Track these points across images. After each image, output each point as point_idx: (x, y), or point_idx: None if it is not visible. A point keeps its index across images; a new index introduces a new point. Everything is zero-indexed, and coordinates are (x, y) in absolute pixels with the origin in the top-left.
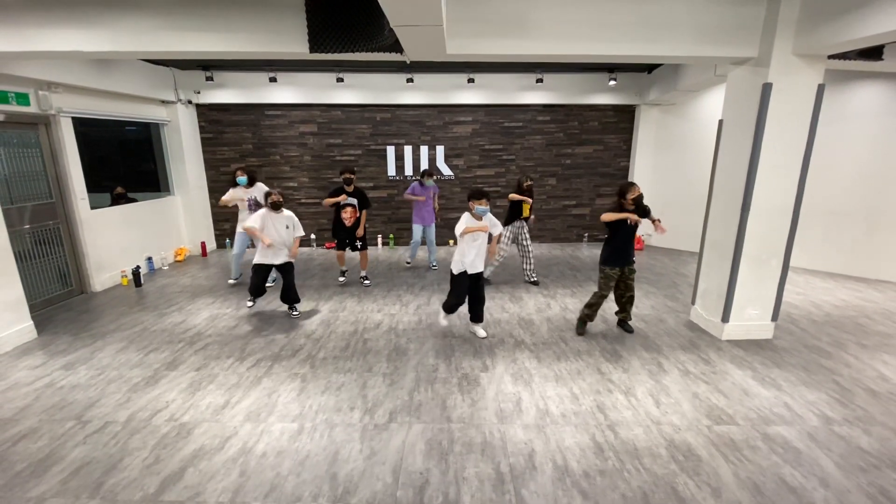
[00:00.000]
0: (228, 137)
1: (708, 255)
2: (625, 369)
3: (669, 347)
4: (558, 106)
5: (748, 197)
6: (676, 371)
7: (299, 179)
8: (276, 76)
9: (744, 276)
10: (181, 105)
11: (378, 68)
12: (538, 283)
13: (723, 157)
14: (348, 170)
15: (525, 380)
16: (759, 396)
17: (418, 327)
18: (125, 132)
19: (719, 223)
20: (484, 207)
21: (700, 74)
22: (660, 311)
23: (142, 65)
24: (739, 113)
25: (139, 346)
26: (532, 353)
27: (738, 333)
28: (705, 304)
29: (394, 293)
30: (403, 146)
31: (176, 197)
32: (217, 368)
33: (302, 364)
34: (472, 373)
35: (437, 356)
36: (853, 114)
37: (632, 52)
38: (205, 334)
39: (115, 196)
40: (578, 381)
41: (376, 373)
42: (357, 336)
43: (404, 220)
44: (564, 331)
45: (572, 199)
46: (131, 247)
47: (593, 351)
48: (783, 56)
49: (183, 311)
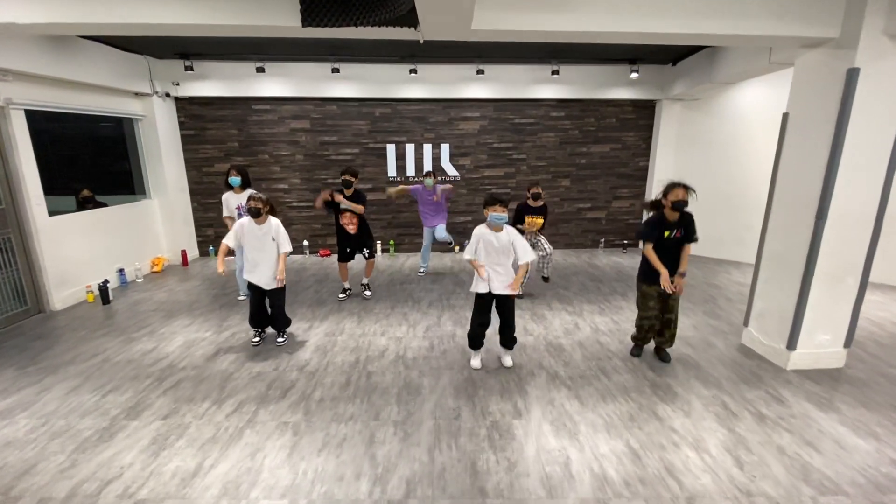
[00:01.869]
0: (212, 134)
1: (768, 271)
2: (685, 412)
3: (729, 381)
4: (573, 101)
5: (825, 203)
6: (748, 415)
7: (290, 181)
8: (263, 66)
9: (815, 296)
10: (158, 98)
11: (378, 58)
12: (548, 280)
13: (788, 157)
14: (349, 171)
15: (569, 430)
16: (858, 450)
17: (430, 355)
18: (95, 128)
19: (783, 233)
20: (500, 215)
21: (745, 63)
22: (704, 333)
23: (110, 51)
24: (813, 104)
25: (96, 385)
26: (570, 391)
27: (806, 362)
28: (763, 326)
29: (398, 311)
30: (405, 144)
31: (153, 200)
32: (189, 416)
33: (294, 408)
34: (503, 420)
35: (458, 395)
36: None
37: (693, 29)
38: (178, 367)
39: (80, 200)
40: (635, 431)
41: (385, 421)
42: (359, 368)
43: (405, 225)
44: (602, 359)
45: (587, 202)
46: (99, 257)
47: (642, 387)
48: (873, 36)
49: (154, 336)
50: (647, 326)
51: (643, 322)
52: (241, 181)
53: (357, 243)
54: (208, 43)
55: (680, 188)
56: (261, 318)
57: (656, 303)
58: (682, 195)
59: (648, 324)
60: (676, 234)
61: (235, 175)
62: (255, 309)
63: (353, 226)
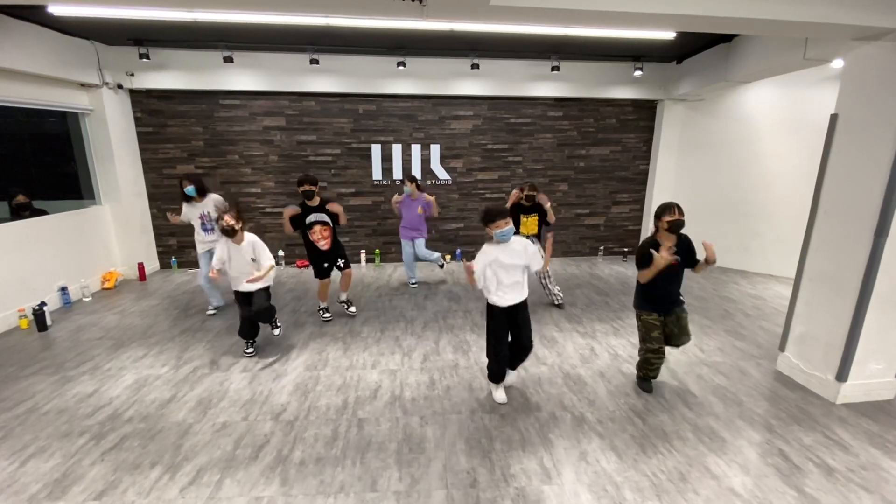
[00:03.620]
0: (173, 132)
1: (811, 292)
2: (742, 467)
3: (778, 420)
4: (572, 100)
5: (886, 218)
6: (814, 467)
7: (263, 184)
8: (231, 55)
9: (871, 321)
10: (108, 90)
11: (362, 49)
12: (563, 307)
13: (838, 164)
14: (306, 180)
15: (613, 498)
16: None
17: (431, 394)
18: (33, 124)
19: (832, 250)
20: (504, 230)
21: (771, 59)
22: (733, 357)
23: (51, 34)
24: (871, 106)
25: (16, 446)
26: (604, 441)
27: (856, 395)
28: (805, 353)
29: (389, 334)
30: (392, 144)
31: (103, 206)
32: (132, 492)
33: (268, 476)
34: (531, 485)
35: (471, 451)
36: None
37: (736, 12)
38: (122, 418)
39: (14, 207)
40: (690, 497)
41: (384, 492)
42: (348, 414)
43: (392, 233)
44: (630, 395)
45: (586, 208)
46: (37, 275)
47: (683, 431)
48: None
49: (97, 374)
50: (653, 360)
51: (649, 355)
52: (197, 189)
53: (332, 257)
54: (167, 28)
55: (675, 208)
56: (251, 329)
57: (660, 333)
58: (678, 216)
59: (656, 357)
60: (674, 263)
61: (189, 184)
62: (245, 321)
63: (325, 241)
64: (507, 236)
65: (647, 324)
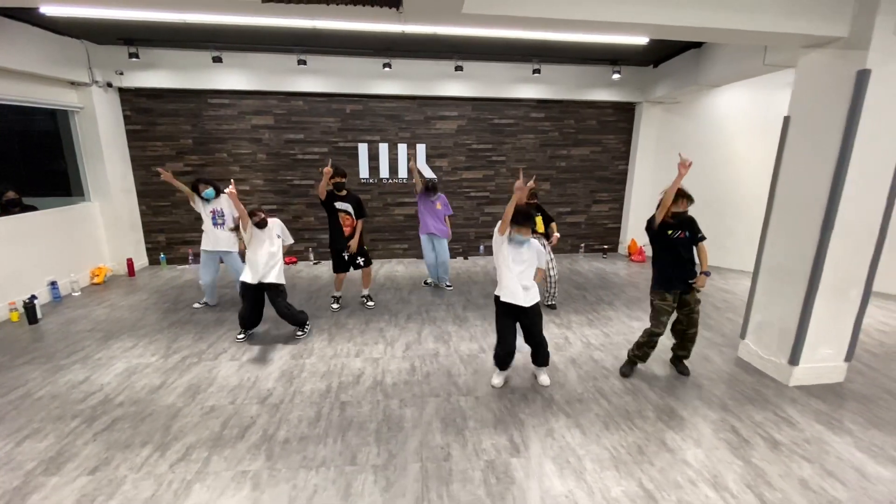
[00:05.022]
0: (162, 130)
1: (767, 282)
2: (696, 441)
3: (734, 401)
4: (553, 102)
5: (831, 213)
6: (761, 441)
7: (252, 181)
8: (220, 55)
9: (819, 308)
10: (98, 88)
11: (349, 51)
12: (555, 308)
13: (791, 163)
14: (338, 172)
15: (574, 468)
16: (881, 480)
17: (412, 379)
18: (22, 121)
19: (785, 244)
20: (524, 238)
21: (735, 64)
22: (698, 346)
23: (41, 34)
24: (819, 108)
25: (11, 428)
26: (570, 419)
27: (808, 378)
28: (762, 340)
29: (373, 325)
30: (378, 144)
31: (93, 203)
32: (124, 467)
33: (254, 453)
34: (500, 458)
35: (446, 429)
36: None
37: (696, 22)
38: (113, 402)
39: (4, 203)
40: (646, 467)
41: (363, 465)
42: (331, 398)
43: (379, 230)
44: (598, 379)
45: (567, 206)
46: (28, 269)
47: (645, 411)
48: (885, 36)
49: (88, 363)
50: (654, 343)
51: (652, 339)
52: (216, 190)
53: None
54: (156, 28)
55: (685, 199)
56: (253, 318)
57: (668, 318)
58: (684, 206)
59: (656, 341)
60: (681, 235)
61: (206, 187)
62: (248, 310)
63: (348, 228)
64: (523, 244)
65: (659, 309)
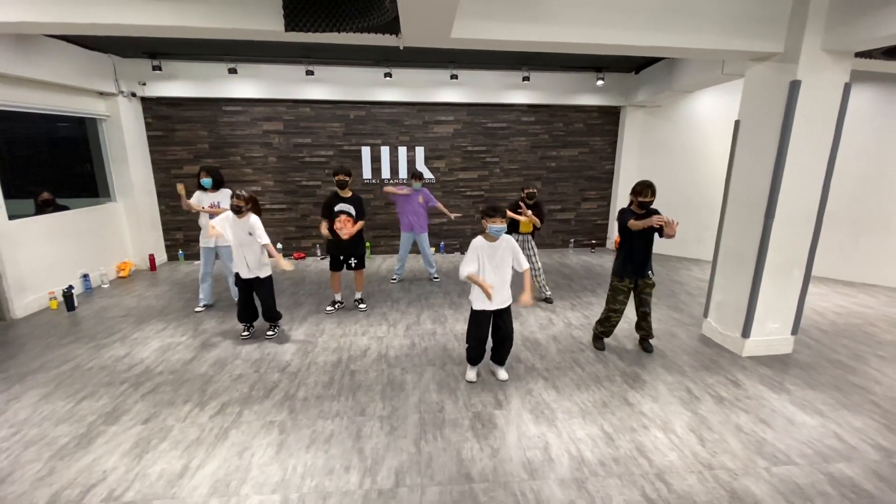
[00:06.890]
0: (180, 135)
1: (723, 266)
2: (653, 398)
3: (692, 368)
4: (543, 106)
5: (772, 203)
6: (709, 398)
7: (263, 183)
8: (235, 67)
9: (766, 287)
10: (123, 98)
11: (352, 62)
12: (552, 301)
13: (740, 161)
14: (342, 171)
15: (547, 417)
16: (806, 426)
17: (412, 353)
18: (56, 129)
19: (737, 231)
20: (499, 226)
21: (701, 73)
22: (668, 325)
23: (73, 49)
24: (761, 113)
25: (69, 392)
26: (547, 382)
27: (759, 349)
28: (721, 317)
29: (377, 311)
30: (380, 147)
31: (118, 203)
32: (171, 419)
33: (278, 408)
34: (485, 410)
35: (441, 390)
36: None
37: (653, 42)
38: (154, 372)
39: (39, 203)
40: (608, 416)
41: (371, 416)
42: (342, 367)
43: (382, 227)
44: (575, 352)
45: (557, 204)
46: (62, 263)
47: (613, 376)
48: (812, 52)
49: (126, 342)
50: (613, 320)
51: (610, 315)
52: (213, 181)
53: (347, 252)
54: (177, 43)
55: (649, 189)
56: (249, 312)
57: (625, 297)
58: (650, 196)
59: (615, 318)
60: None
61: (206, 176)
62: (243, 304)
63: (346, 232)
64: (500, 233)
65: (615, 288)
